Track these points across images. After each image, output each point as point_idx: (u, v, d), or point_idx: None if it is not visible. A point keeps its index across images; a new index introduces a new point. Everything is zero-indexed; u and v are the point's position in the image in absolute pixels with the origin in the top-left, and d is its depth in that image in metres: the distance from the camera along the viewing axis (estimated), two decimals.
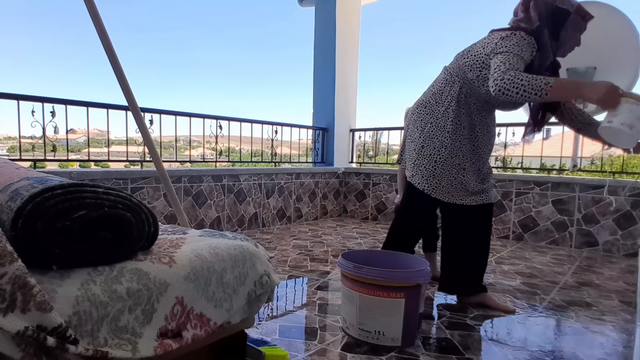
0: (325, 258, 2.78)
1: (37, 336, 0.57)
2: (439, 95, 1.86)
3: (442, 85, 1.87)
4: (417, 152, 1.89)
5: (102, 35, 1.30)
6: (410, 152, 1.94)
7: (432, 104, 1.87)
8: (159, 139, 3.52)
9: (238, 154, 4.33)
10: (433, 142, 1.84)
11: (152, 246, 0.84)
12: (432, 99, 1.88)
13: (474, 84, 1.79)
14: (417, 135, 1.90)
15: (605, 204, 3.25)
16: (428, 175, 1.85)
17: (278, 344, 1.48)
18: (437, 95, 1.87)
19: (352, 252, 1.70)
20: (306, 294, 2.09)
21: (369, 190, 4.63)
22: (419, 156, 1.88)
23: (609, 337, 1.66)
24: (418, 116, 1.91)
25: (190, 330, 0.80)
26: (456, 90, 1.81)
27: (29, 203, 0.65)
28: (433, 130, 1.84)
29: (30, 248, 0.65)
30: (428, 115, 1.87)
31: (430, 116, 1.86)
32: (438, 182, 1.85)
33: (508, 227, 3.68)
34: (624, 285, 2.39)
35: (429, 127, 1.85)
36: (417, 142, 1.90)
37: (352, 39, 5.14)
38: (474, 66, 1.77)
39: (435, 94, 1.88)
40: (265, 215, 3.96)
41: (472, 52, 1.80)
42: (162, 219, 3.09)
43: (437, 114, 1.84)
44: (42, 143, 2.76)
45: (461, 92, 1.81)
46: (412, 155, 1.92)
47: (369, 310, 1.48)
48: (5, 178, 0.83)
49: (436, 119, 1.84)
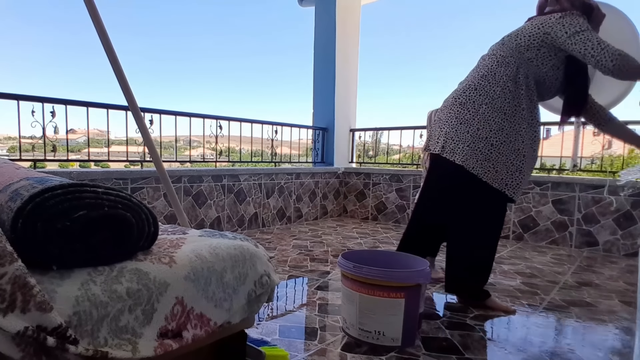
0: (325, 258, 2.77)
1: (37, 336, 0.57)
2: (492, 76, 1.78)
3: (493, 67, 1.79)
4: (472, 134, 1.78)
5: (102, 36, 1.30)
6: (463, 134, 1.80)
7: (483, 85, 1.79)
8: (159, 139, 3.52)
9: (238, 154, 4.33)
10: (489, 125, 1.75)
11: (152, 246, 0.84)
12: (484, 80, 1.79)
13: (532, 62, 1.74)
14: (469, 117, 1.79)
15: (605, 203, 3.25)
16: (483, 159, 1.76)
17: (278, 344, 1.48)
18: (490, 77, 1.78)
19: (352, 252, 1.70)
20: (306, 294, 2.09)
21: (369, 190, 4.62)
22: (475, 139, 1.77)
23: (609, 337, 1.66)
24: (468, 98, 1.81)
25: (191, 330, 0.80)
26: (513, 70, 1.75)
27: (29, 203, 0.65)
28: (489, 111, 1.76)
29: (30, 248, 0.65)
30: (482, 96, 1.78)
31: (485, 97, 1.77)
32: (493, 167, 1.77)
33: (508, 227, 3.68)
34: (624, 285, 2.39)
35: (484, 109, 1.76)
36: (470, 124, 1.78)
37: (352, 38, 5.14)
38: (532, 45, 1.73)
39: (486, 75, 1.80)
40: (265, 215, 3.96)
41: (524, 33, 1.76)
42: (162, 219, 3.09)
43: (493, 95, 1.76)
44: (42, 143, 2.76)
45: (519, 72, 1.75)
46: (465, 138, 1.79)
47: (369, 310, 1.48)
48: (5, 178, 0.83)
49: (492, 100, 1.76)
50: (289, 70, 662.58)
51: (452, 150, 1.82)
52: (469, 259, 1.89)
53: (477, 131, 1.77)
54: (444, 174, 1.90)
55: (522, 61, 1.76)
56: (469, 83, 1.85)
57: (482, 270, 1.92)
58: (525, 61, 1.75)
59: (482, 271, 1.92)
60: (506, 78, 1.76)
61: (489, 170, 1.77)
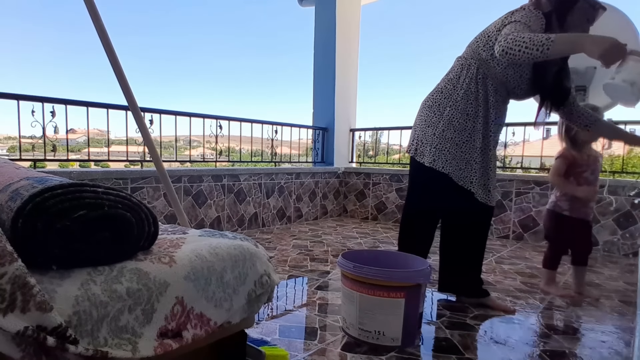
0: (325, 258, 2.77)
1: (37, 336, 0.57)
2: (456, 80, 1.82)
3: (458, 70, 1.83)
4: (438, 136, 1.82)
5: (102, 36, 1.30)
6: (429, 137, 1.85)
7: (449, 89, 1.83)
8: (159, 138, 3.52)
9: (238, 153, 4.33)
10: (453, 126, 1.79)
11: (152, 246, 0.84)
12: (449, 84, 1.84)
13: (489, 63, 1.75)
14: (435, 120, 1.84)
15: (605, 203, 3.25)
16: (451, 159, 1.81)
17: (278, 344, 1.48)
18: (454, 80, 1.83)
19: (352, 252, 1.70)
20: (306, 294, 2.09)
21: (369, 190, 4.62)
22: (441, 140, 1.82)
23: (609, 337, 1.66)
24: (434, 102, 1.87)
25: (190, 330, 0.80)
26: (473, 72, 1.79)
27: (29, 203, 0.65)
28: (452, 113, 1.80)
29: (30, 248, 0.64)
30: (446, 99, 1.83)
31: (449, 99, 1.82)
32: (458, 165, 1.80)
33: (508, 227, 3.68)
34: (624, 285, 2.39)
35: (448, 111, 1.81)
36: (436, 126, 1.83)
37: (352, 38, 5.13)
38: (487, 45, 1.74)
39: (452, 79, 1.84)
40: (265, 215, 3.96)
41: (484, 33, 1.79)
42: (162, 219, 3.09)
43: (456, 98, 1.80)
44: (42, 143, 2.76)
45: (478, 73, 1.78)
46: (432, 140, 1.84)
47: (369, 310, 1.48)
48: (5, 178, 0.83)
49: (455, 102, 1.80)
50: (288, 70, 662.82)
51: (422, 153, 1.88)
52: (458, 257, 1.94)
53: (443, 133, 1.82)
54: (419, 174, 1.94)
55: (482, 62, 1.77)
56: (437, 86, 1.91)
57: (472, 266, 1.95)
58: (484, 62, 1.77)
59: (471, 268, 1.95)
60: (468, 80, 1.79)
61: (456, 168, 1.81)
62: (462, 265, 1.95)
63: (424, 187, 1.93)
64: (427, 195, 1.93)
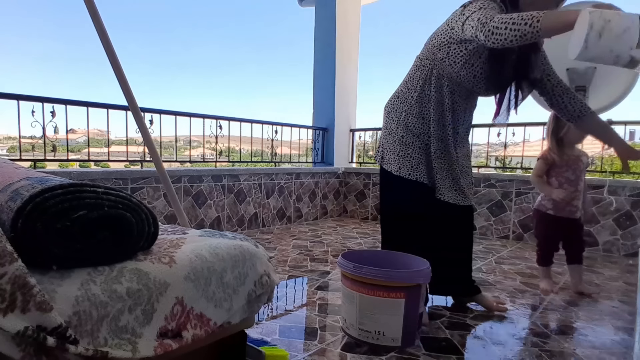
0: (325, 258, 2.77)
1: (37, 336, 0.57)
2: (411, 82, 1.78)
3: (412, 71, 1.79)
4: (399, 143, 1.78)
5: (102, 35, 1.30)
6: (391, 144, 1.81)
7: (404, 92, 1.79)
8: (159, 139, 3.52)
9: (238, 154, 4.33)
10: (411, 131, 1.75)
11: (152, 246, 0.84)
12: (405, 87, 1.80)
13: (445, 62, 1.68)
14: (394, 126, 1.80)
15: (606, 204, 3.25)
16: (417, 164, 1.76)
17: (278, 344, 1.48)
18: (409, 83, 1.79)
19: (352, 252, 1.70)
20: (306, 294, 2.09)
21: (369, 190, 4.62)
22: (402, 147, 1.77)
23: (609, 337, 1.66)
24: (392, 107, 1.83)
25: (190, 330, 0.80)
26: (427, 73, 1.73)
27: (29, 203, 0.65)
28: (409, 118, 1.76)
29: (30, 248, 0.64)
30: (402, 103, 1.78)
31: (404, 104, 1.77)
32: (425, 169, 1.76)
33: (508, 227, 3.68)
34: (624, 285, 2.40)
35: (404, 116, 1.77)
36: (396, 133, 1.79)
37: (352, 38, 5.14)
38: (442, 44, 1.67)
39: (407, 81, 1.80)
40: (265, 215, 3.96)
41: (437, 32, 1.72)
42: (162, 219, 3.09)
43: (411, 101, 1.75)
44: (42, 143, 2.76)
45: (432, 73, 1.72)
46: (394, 147, 1.80)
47: (369, 310, 1.48)
48: (5, 178, 0.83)
49: (410, 106, 1.75)
50: (289, 70, 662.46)
51: (388, 161, 1.83)
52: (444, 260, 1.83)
53: (402, 139, 1.77)
54: (389, 182, 1.87)
55: (436, 62, 1.71)
56: (395, 91, 1.86)
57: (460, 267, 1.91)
58: (439, 62, 1.70)
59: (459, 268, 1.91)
60: (422, 82, 1.74)
61: (423, 173, 1.76)
62: (450, 267, 1.87)
63: (396, 195, 1.87)
64: (400, 202, 1.86)
